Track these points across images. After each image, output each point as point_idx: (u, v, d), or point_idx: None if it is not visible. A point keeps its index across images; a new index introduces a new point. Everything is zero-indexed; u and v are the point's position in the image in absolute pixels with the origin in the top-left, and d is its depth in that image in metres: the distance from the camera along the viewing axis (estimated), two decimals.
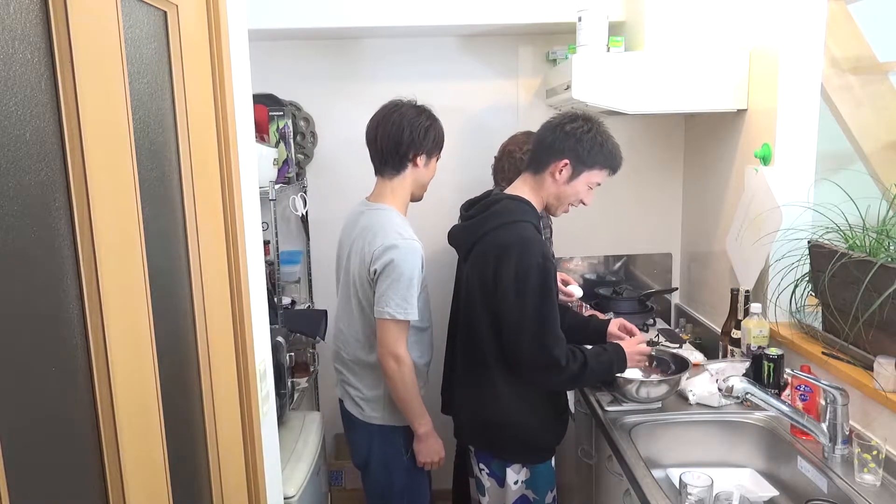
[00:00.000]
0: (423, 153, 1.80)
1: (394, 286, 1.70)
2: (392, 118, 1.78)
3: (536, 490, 1.76)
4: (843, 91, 2.25)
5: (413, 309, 1.71)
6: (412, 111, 1.79)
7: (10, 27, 0.65)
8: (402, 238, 1.72)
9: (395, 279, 1.70)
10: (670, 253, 2.73)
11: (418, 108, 1.81)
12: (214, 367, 1.10)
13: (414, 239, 1.74)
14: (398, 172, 1.81)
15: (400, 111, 1.79)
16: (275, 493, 1.40)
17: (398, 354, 1.72)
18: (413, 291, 1.71)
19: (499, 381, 1.67)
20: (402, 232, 1.74)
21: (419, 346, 1.84)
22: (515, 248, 1.58)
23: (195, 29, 1.06)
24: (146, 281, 0.88)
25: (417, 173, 1.82)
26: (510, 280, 1.57)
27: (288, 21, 2.26)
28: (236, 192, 1.17)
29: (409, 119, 1.78)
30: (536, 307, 1.56)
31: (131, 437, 0.84)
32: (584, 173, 1.65)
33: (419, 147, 1.78)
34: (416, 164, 1.80)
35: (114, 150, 0.81)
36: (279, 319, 2.21)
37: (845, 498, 1.40)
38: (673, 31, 2.11)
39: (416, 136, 1.77)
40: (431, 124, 1.80)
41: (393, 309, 1.70)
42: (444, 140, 1.85)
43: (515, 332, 1.58)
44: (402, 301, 1.70)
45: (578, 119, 1.65)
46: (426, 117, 1.80)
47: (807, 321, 1.84)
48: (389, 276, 1.70)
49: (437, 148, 1.83)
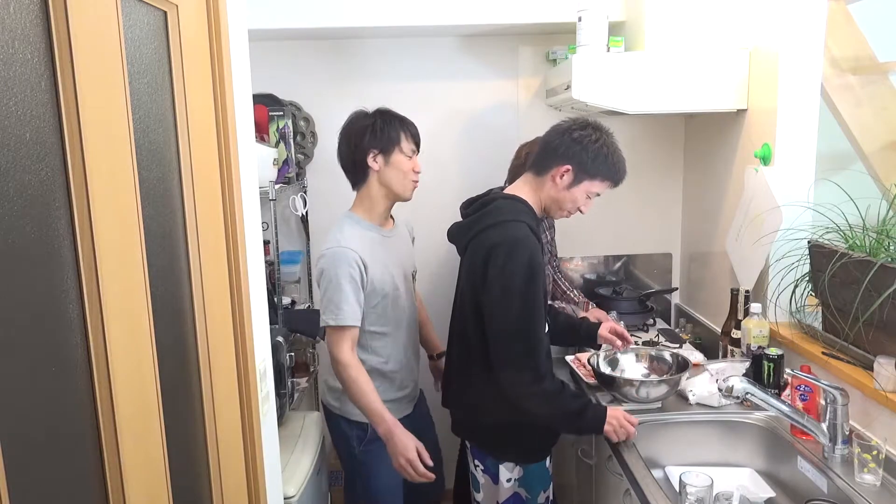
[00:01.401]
0: (374, 153, 1.79)
1: (326, 294, 1.75)
2: (342, 133, 1.84)
3: (529, 489, 1.76)
4: (843, 91, 2.25)
5: (345, 314, 1.73)
6: (349, 122, 1.83)
7: (10, 27, 0.65)
8: (335, 246, 1.75)
9: (325, 286, 1.75)
10: (670, 253, 2.73)
11: (359, 114, 1.83)
12: (214, 367, 1.10)
13: (347, 247, 1.74)
14: (364, 180, 1.84)
15: (346, 125, 1.84)
16: (275, 493, 1.40)
17: (338, 359, 1.75)
18: (344, 296, 1.72)
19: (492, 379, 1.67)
20: (340, 238, 1.76)
21: (382, 351, 1.86)
22: (504, 248, 1.57)
23: (195, 29, 1.06)
24: (146, 281, 0.88)
25: (380, 175, 1.81)
26: (497, 278, 1.56)
27: (288, 21, 2.26)
28: (236, 192, 1.17)
29: (348, 130, 1.82)
30: (521, 306, 1.55)
31: (131, 437, 0.84)
32: (585, 182, 1.64)
33: (365, 150, 1.78)
34: (373, 167, 1.80)
35: (114, 150, 0.81)
36: (279, 319, 2.21)
37: (845, 498, 1.40)
38: (673, 31, 2.11)
39: (355, 141, 1.79)
40: (370, 124, 1.79)
41: (327, 316, 1.75)
42: (399, 132, 1.80)
43: (498, 329, 1.58)
44: (334, 308, 1.73)
45: (588, 127, 1.64)
46: (365, 117, 1.81)
47: (807, 321, 1.84)
48: (323, 285, 1.76)
49: (388, 143, 1.79)
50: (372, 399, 1.74)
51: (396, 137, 1.80)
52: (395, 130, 1.80)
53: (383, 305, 1.82)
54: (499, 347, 1.59)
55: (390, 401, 1.84)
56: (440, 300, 2.26)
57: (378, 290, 1.80)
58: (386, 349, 1.87)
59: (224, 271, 1.16)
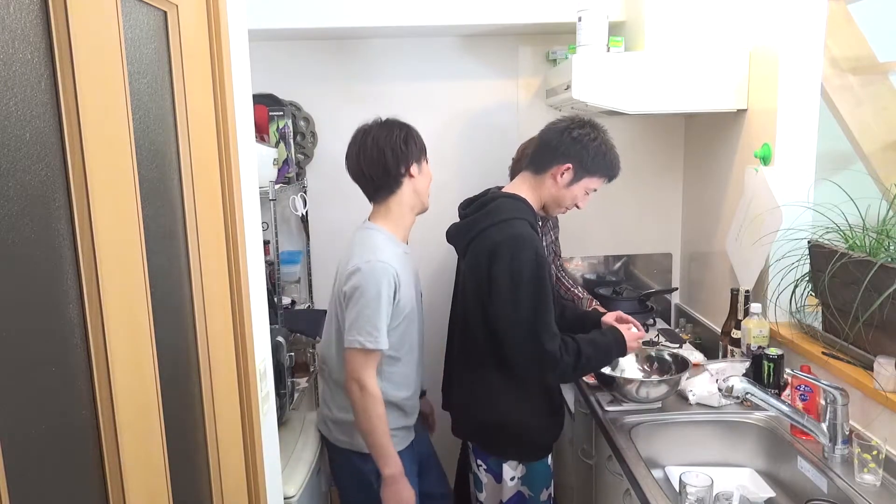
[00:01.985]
0: (413, 162, 1.74)
1: (363, 312, 1.62)
2: (368, 145, 1.73)
3: (532, 487, 1.76)
4: (843, 91, 2.25)
5: (383, 338, 1.63)
6: (383, 130, 1.74)
7: (10, 27, 0.65)
8: (373, 260, 1.64)
9: (362, 304, 1.63)
10: (670, 253, 2.73)
11: (386, 124, 1.76)
12: (214, 367, 1.10)
13: (385, 262, 1.64)
14: (394, 192, 1.74)
15: (372, 136, 1.73)
16: (275, 493, 1.40)
17: (363, 382, 1.63)
18: (382, 318, 1.62)
19: (494, 378, 1.69)
20: (378, 253, 1.66)
21: (396, 378, 1.74)
22: (508, 246, 1.58)
23: (195, 29, 1.06)
24: (146, 281, 0.88)
25: (415, 183, 1.75)
26: (504, 277, 1.57)
27: (288, 21, 2.26)
28: (236, 192, 1.17)
29: (384, 138, 1.73)
30: (531, 303, 1.57)
31: (131, 437, 0.84)
32: (585, 179, 1.69)
33: (407, 159, 1.72)
34: (411, 175, 1.74)
35: (114, 150, 0.81)
36: (279, 319, 2.21)
37: (845, 498, 1.40)
38: (673, 31, 2.11)
39: (398, 151, 1.72)
40: (406, 133, 1.75)
41: (362, 337, 1.62)
42: (423, 140, 1.79)
43: (510, 328, 1.59)
44: (371, 329, 1.62)
45: (586, 126, 1.67)
46: (398, 128, 1.75)
47: (807, 321, 1.84)
48: (357, 302, 1.63)
49: (421, 152, 1.77)
50: (387, 437, 1.66)
51: (424, 146, 1.78)
52: (420, 139, 1.78)
53: (404, 327, 1.73)
54: (514, 347, 1.61)
55: (400, 428, 1.77)
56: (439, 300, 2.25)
57: (402, 309, 1.70)
58: (399, 375, 1.76)
59: (224, 271, 1.16)
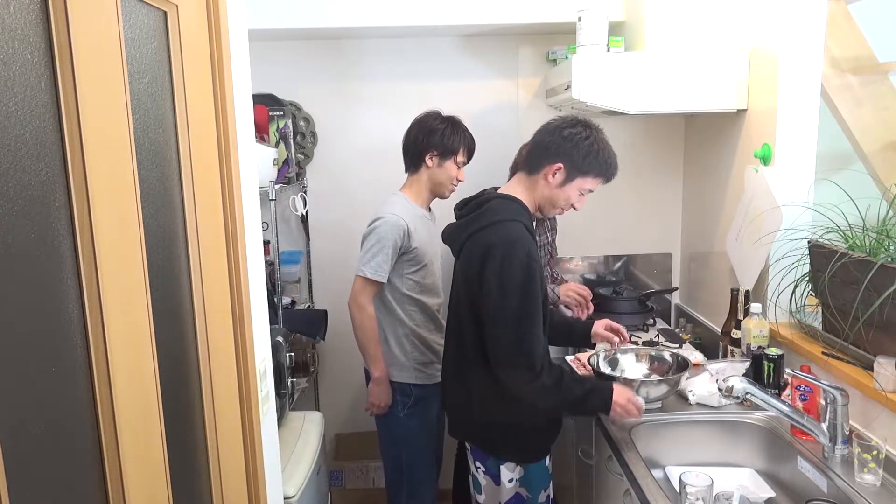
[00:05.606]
0: (433, 154, 2.05)
1: (371, 250, 2.00)
2: (413, 125, 2.09)
3: (530, 488, 1.76)
4: (843, 91, 2.25)
5: (383, 271, 2.01)
6: (430, 117, 2.07)
7: (10, 27, 0.65)
8: (391, 214, 2.01)
9: (372, 243, 2.00)
10: (670, 253, 2.73)
11: (437, 116, 2.07)
12: (214, 367, 1.10)
13: (400, 216, 2.01)
14: (416, 169, 2.10)
15: (422, 117, 2.09)
16: (275, 493, 1.40)
17: (361, 303, 2.04)
18: (385, 257, 1.99)
19: (490, 380, 1.67)
20: (396, 209, 2.03)
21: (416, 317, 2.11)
22: (500, 248, 1.57)
23: (195, 29, 1.06)
24: (146, 281, 0.88)
25: (430, 172, 2.08)
26: (494, 279, 1.56)
27: (288, 21, 2.26)
28: (236, 192, 1.17)
29: (421, 123, 2.08)
30: (519, 306, 1.55)
31: (131, 437, 0.84)
32: (578, 179, 1.65)
33: (426, 149, 2.05)
34: (428, 164, 2.07)
35: (114, 150, 0.81)
36: (279, 319, 2.21)
37: (845, 498, 1.40)
38: (673, 31, 2.12)
39: (419, 140, 2.05)
40: (442, 129, 2.04)
41: (366, 268, 2.00)
42: (460, 146, 2.05)
43: (496, 328, 1.58)
44: (375, 264, 2.00)
45: (578, 125, 1.64)
46: (439, 122, 2.05)
47: (807, 321, 1.84)
48: (370, 240, 2.02)
49: (447, 151, 2.05)
50: (376, 345, 2.06)
51: (456, 148, 2.06)
52: (457, 142, 2.06)
53: (422, 273, 2.08)
54: (496, 346, 1.59)
55: (424, 363, 2.11)
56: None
57: (420, 257, 2.06)
58: (418, 315, 2.11)
59: (224, 271, 1.16)
